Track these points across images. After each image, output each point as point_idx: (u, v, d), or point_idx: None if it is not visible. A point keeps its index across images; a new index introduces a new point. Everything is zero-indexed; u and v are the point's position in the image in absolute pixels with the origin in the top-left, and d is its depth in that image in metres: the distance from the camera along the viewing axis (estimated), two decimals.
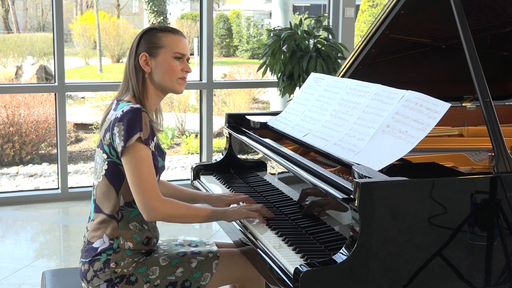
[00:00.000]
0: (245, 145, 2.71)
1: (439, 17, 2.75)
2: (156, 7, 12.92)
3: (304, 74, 4.86)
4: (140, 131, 1.98)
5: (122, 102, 2.09)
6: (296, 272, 1.72)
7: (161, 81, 2.13)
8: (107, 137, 2.05)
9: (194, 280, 2.10)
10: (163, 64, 2.11)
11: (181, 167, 7.71)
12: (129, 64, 2.14)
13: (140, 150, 1.99)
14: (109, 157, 2.05)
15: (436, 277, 1.83)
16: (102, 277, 2.04)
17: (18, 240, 4.27)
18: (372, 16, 13.85)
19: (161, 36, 2.13)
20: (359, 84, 2.30)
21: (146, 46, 2.12)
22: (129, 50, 2.17)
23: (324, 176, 1.96)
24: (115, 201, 2.06)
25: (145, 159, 1.99)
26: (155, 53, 2.12)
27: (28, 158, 7.61)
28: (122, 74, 2.20)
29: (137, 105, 2.04)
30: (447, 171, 2.02)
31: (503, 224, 1.89)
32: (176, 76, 2.13)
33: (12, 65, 11.34)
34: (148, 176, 1.99)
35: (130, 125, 1.98)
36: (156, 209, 1.99)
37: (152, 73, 2.12)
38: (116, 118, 2.02)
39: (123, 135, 1.98)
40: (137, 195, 1.99)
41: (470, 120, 2.96)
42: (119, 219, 2.07)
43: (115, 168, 2.05)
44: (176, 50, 2.13)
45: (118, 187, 2.06)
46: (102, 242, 2.07)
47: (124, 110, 2.02)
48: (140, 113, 2.00)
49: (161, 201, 2.01)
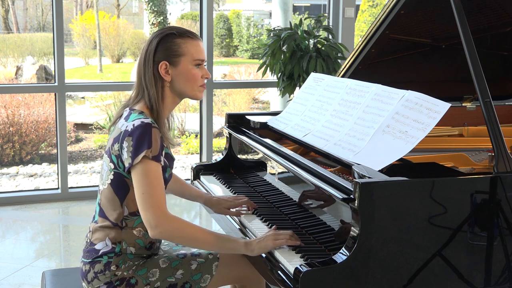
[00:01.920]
0: (245, 145, 2.71)
1: (439, 17, 2.75)
2: (156, 7, 12.92)
3: (304, 74, 4.86)
4: (148, 148, 1.93)
5: (134, 112, 2.04)
6: (296, 272, 1.72)
7: (182, 89, 2.09)
8: (115, 147, 2.01)
9: (194, 282, 2.09)
10: (185, 73, 2.07)
11: (181, 167, 7.71)
12: (146, 72, 2.06)
13: (148, 165, 1.94)
14: (116, 168, 2.02)
15: (436, 277, 1.83)
16: (103, 279, 2.04)
17: (18, 240, 4.27)
18: (372, 16, 13.85)
19: (180, 42, 2.07)
20: (359, 84, 2.30)
21: (166, 54, 2.06)
22: (142, 56, 2.09)
23: (324, 176, 1.96)
24: (119, 210, 2.04)
25: (153, 175, 1.94)
26: (176, 62, 2.06)
27: (28, 158, 7.61)
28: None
29: (148, 120, 1.98)
30: (447, 171, 2.02)
31: (503, 224, 1.89)
32: (197, 84, 2.10)
33: (12, 65, 11.35)
34: (154, 191, 1.94)
35: (139, 141, 1.94)
36: (160, 225, 1.92)
37: (173, 82, 2.08)
38: (126, 132, 1.98)
39: (131, 151, 1.95)
40: (142, 210, 1.94)
41: (470, 120, 2.96)
42: (123, 227, 2.05)
43: (121, 179, 2.02)
44: (196, 57, 2.08)
45: (123, 198, 2.04)
46: (105, 245, 2.05)
47: (135, 124, 1.97)
48: (150, 129, 1.96)
49: (166, 219, 1.94)
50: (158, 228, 1.92)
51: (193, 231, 1.97)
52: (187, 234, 1.96)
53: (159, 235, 1.94)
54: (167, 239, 1.97)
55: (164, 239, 1.98)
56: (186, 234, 1.96)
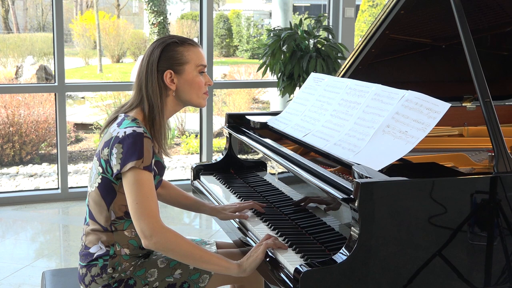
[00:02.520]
0: (245, 145, 2.71)
1: (439, 17, 2.75)
2: (156, 7, 12.91)
3: (304, 74, 4.86)
4: (138, 159, 1.91)
5: (128, 119, 2.01)
6: (296, 272, 1.72)
7: (187, 97, 2.09)
8: (105, 152, 2.00)
9: (192, 281, 2.09)
10: (190, 81, 2.07)
11: (181, 167, 7.71)
12: (149, 82, 2.04)
13: (141, 175, 1.92)
14: (104, 172, 2.01)
15: (436, 277, 1.83)
16: (100, 282, 2.03)
17: (18, 240, 4.27)
18: (372, 16, 13.85)
19: (183, 51, 2.07)
20: (359, 84, 2.30)
21: (170, 63, 2.05)
22: (144, 66, 2.07)
23: (324, 176, 1.96)
24: (106, 214, 2.03)
25: (145, 184, 1.92)
26: (181, 70, 2.06)
27: (28, 158, 7.62)
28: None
29: (140, 130, 1.96)
30: (447, 171, 2.01)
31: (503, 224, 1.89)
32: (202, 91, 2.11)
33: (12, 65, 11.34)
34: (148, 201, 1.91)
35: (129, 150, 1.92)
36: (155, 235, 1.89)
37: (178, 90, 2.08)
38: (117, 138, 1.96)
39: (121, 159, 1.93)
40: (136, 220, 1.92)
41: (470, 120, 2.96)
42: (113, 230, 2.05)
43: (109, 184, 2.01)
44: (199, 63, 2.08)
45: (109, 202, 2.02)
46: (99, 248, 2.05)
47: (126, 132, 1.95)
48: (142, 139, 1.94)
49: (160, 229, 1.91)
50: (153, 238, 1.89)
51: (189, 246, 1.94)
52: (182, 249, 1.93)
53: (154, 245, 1.90)
54: (161, 250, 1.93)
55: (157, 250, 1.93)
56: (181, 248, 1.93)
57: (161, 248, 1.92)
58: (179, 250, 1.93)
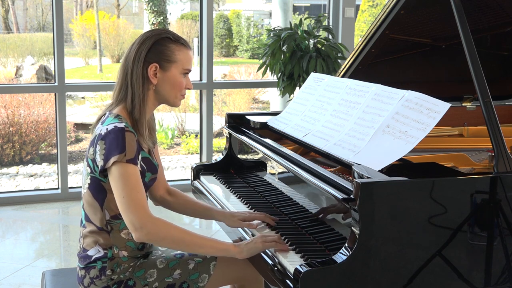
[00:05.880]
0: (245, 145, 2.71)
1: (439, 17, 2.75)
2: (156, 7, 12.92)
3: (304, 74, 4.86)
4: (121, 153, 1.91)
5: (111, 116, 2.01)
6: (296, 272, 1.72)
7: (165, 95, 2.08)
8: (91, 151, 2.00)
9: (191, 281, 2.08)
10: (172, 79, 2.06)
11: (181, 167, 7.71)
12: (135, 69, 2.04)
13: (125, 168, 1.91)
14: (92, 172, 2.01)
15: (436, 277, 1.83)
16: (99, 284, 2.03)
17: (18, 240, 4.27)
18: (372, 16, 13.85)
19: (174, 49, 2.05)
20: (359, 84, 2.30)
21: (158, 57, 2.04)
22: (131, 53, 2.06)
23: (324, 176, 1.96)
24: (101, 215, 2.03)
25: (131, 177, 1.92)
26: (166, 67, 2.05)
27: (28, 158, 7.62)
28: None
29: (122, 124, 1.95)
30: (447, 171, 2.01)
31: (503, 224, 1.89)
32: (181, 92, 2.10)
33: (12, 65, 11.34)
34: (135, 193, 1.91)
35: (111, 145, 1.92)
36: (145, 226, 1.88)
37: (158, 86, 2.06)
38: (100, 135, 1.96)
39: (103, 154, 1.93)
40: (125, 213, 1.91)
41: (470, 120, 2.96)
42: (109, 231, 2.04)
43: (98, 183, 2.01)
44: (186, 67, 2.08)
45: (102, 202, 2.02)
46: (97, 251, 2.04)
47: (108, 128, 1.95)
48: (123, 133, 1.93)
49: (149, 219, 1.90)
50: (143, 229, 1.89)
51: (180, 232, 1.94)
52: (174, 236, 1.93)
53: (145, 236, 1.90)
54: (153, 241, 1.93)
55: (150, 241, 1.93)
56: (173, 235, 1.93)
57: (153, 239, 1.91)
58: (171, 237, 1.92)
